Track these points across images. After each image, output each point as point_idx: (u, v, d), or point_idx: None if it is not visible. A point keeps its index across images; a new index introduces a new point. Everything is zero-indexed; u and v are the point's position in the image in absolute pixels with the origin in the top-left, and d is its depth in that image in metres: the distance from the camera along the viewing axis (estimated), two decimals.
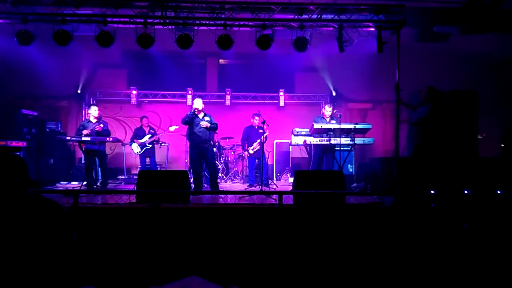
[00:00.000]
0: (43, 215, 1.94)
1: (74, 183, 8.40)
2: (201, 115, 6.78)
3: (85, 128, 7.14)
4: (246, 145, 8.20)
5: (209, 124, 6.67)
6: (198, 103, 6.72)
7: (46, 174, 8.57)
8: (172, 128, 8.84)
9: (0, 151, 7.04)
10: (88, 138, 7.01)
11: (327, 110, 7.52)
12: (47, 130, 9.27)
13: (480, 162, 6.10)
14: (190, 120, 6.69)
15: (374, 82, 10.14)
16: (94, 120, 7.30)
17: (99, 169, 7.67)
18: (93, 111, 7.34)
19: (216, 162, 8.20)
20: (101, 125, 7.23)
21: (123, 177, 9.21)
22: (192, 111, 6.69)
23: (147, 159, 8.72)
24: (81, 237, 4.14)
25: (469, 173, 5.88)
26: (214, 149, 8.25)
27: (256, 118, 8.06)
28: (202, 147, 6.70)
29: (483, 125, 6.69)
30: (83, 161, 8.92)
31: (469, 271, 4.09)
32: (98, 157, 7.28)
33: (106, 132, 7.31)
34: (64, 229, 1.98)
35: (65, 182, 8.67)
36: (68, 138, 7.87)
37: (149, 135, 8.67)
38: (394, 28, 6.53)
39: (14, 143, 7.85)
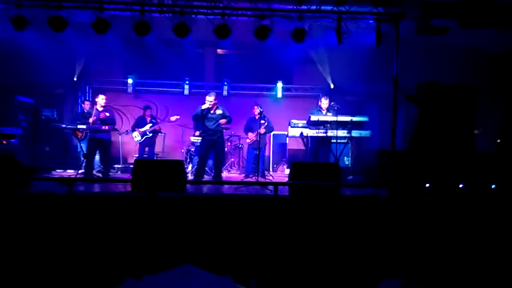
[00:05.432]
0: None
1: (70, 171, 8.36)
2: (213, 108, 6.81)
3: (90, 115, 7.21)
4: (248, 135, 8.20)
5: (227, 121, 6.79)
6: (210, 99, 6.74)
7: (42, 162, 8.53)
8: (173, 118, 8.81)
9: None
10: (84, 126, 7.01)
11: (324, 102, 7.51)
12: (43, 117, 9.21)
13: (476, 157, 6.11)
14: (201, 115, 6.73)
15: (372, 75, 10.09)
16: (100, 109, 7.37)
17: (99, 157, 7.64)
18: (100, 100, 7.43)
19: None
20: (107, 114, 7.31)
21: (119, 166, 9.18)
22: (201, 108, 6.69)
23: (146, 148, 8.72)
24: (76, 225, 4.14)
25: (465, 167, 5.89)
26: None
27: (256, 108, 8.00)
28: (213, 137, 6.79)
29: (480, 120, 6.69)
30: (78, 150, 8.88)
31: (463, 263, 4.13)
32: (102, 145, 7.28)
33: (110, 121, 7.37)
34: None
35: (61, 170, 8.62)
36: (63, 125, 7.84)
37: (150, 124, 8.66)
38: (393, 21, 6.51)
39: (9, 130, 7.82)
